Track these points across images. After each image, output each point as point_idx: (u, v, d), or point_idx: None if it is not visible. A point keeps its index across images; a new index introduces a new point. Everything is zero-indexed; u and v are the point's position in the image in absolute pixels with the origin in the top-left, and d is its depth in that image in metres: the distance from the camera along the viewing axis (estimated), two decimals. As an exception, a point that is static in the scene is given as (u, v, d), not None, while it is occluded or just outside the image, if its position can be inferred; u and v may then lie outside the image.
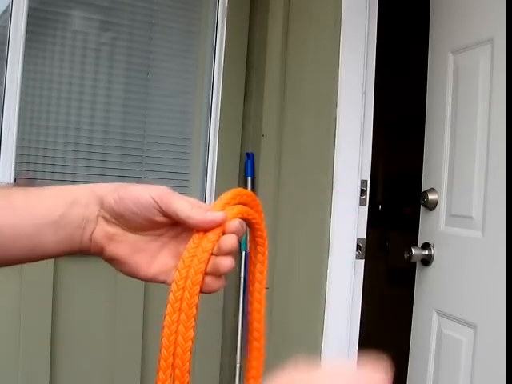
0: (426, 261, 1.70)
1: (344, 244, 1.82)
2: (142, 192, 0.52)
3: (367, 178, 1.85)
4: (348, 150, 1.82)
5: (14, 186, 1.59)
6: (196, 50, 2.20)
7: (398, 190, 3.29)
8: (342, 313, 1.82)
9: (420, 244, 1.74)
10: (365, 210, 1.86)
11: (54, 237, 0.52)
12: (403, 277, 2.24)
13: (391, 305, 2.90)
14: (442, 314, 1.64)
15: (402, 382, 1.79)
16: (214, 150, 2.18)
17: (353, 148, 1.82)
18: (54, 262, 1.84)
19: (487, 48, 1.50)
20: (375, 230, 2.14)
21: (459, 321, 1.56)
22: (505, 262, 1.40)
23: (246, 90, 2.21)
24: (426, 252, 1.69)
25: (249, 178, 2.15)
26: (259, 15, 2.19)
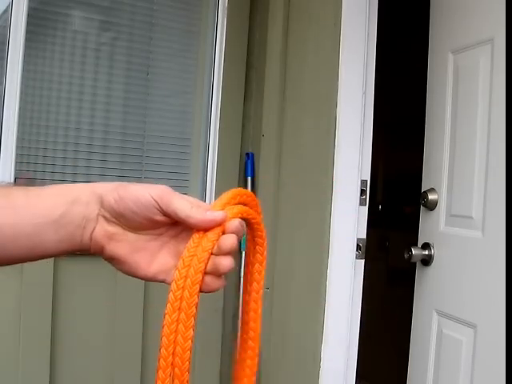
0: (426, 261, 1.70)
1: (344, 244, 1.82)
2: (142, 191, 0.52)
3: (367, 177, 1.85)
4: (348, 150, 1.82)
5: (14, 185, 1.59)
6: (196, 50, 2.20)
7: (398, 190, 3.28)
8: (341, 313, 1.82)
9: (420, 244, 1.74)
10: (365, 210, 1.86)
11: (55, 236, 0.52)
12: (403, 277, 2.24)
13: (391, 305, 2.90)
14: (441, 313, 1.64)
15: (402, 382, 1.79)
16: (214, 149, 2.18)
17: (353, 148, 1.82)
18: (54, 261, 1.84)
19: (487, 48, 1.50)
20: (375, 230, 2.13)
21: (459, 321, 1.56)
22: (505, 262, 1.40)
23: (246, 90, 2.21)
24: (426, 252, 1.69)
25: (249, 178, 2.15)
26: (259, 15, 2.19)
